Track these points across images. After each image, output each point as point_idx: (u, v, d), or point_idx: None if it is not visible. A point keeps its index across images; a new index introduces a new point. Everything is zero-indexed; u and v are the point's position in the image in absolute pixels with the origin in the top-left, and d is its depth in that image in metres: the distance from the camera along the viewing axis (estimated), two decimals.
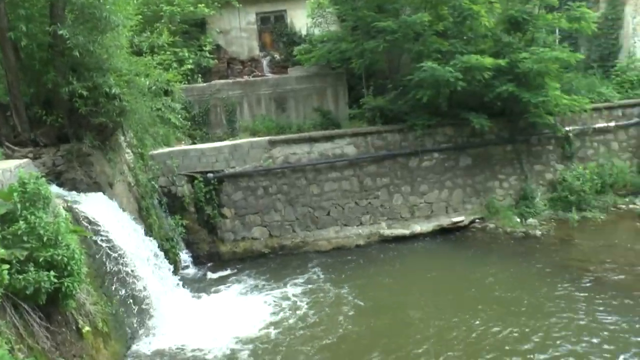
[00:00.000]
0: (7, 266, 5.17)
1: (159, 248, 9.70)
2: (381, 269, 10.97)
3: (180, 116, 12.85)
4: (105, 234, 7.89)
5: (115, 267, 8.00)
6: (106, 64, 8.88)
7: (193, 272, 11.59)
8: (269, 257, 12.08)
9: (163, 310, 8.75)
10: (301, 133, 13.10)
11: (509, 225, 12.63)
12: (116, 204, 9.07)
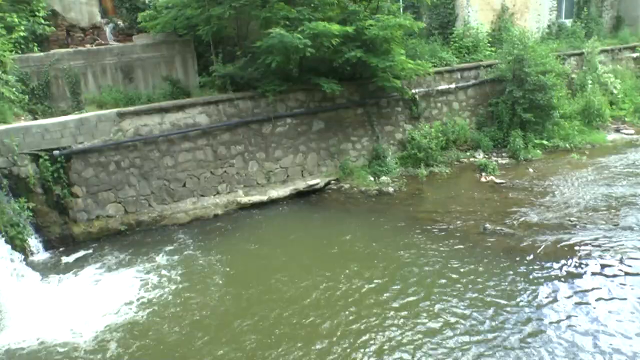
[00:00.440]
0: None
1: (2, 235, 8.83)
2: (245, 236, 11.01)
3: (15, 89, 11.73)
4: None
5: None
6: None
7: (45, 258, 10.73)
8: (127, 235, 11.57)
9: (11, 303, 7.93)
10: (151, 104, 12.49)
11: (363, 184, 13.25)
12: None
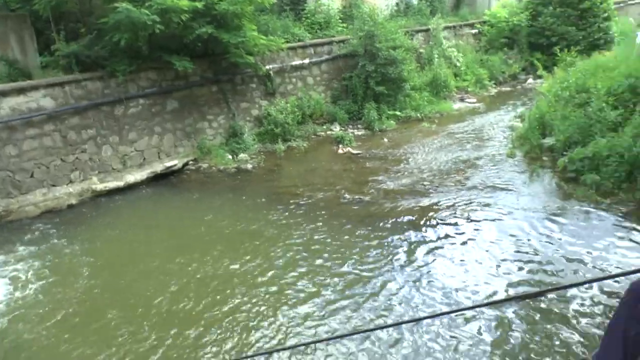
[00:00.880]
0: None
1: None
2: (108, 222, 10.48)
3: None
4: None
5: None
6: None
7: None
8: None
9: None
10: None
11: (222, 163, 13.32)
12: None
